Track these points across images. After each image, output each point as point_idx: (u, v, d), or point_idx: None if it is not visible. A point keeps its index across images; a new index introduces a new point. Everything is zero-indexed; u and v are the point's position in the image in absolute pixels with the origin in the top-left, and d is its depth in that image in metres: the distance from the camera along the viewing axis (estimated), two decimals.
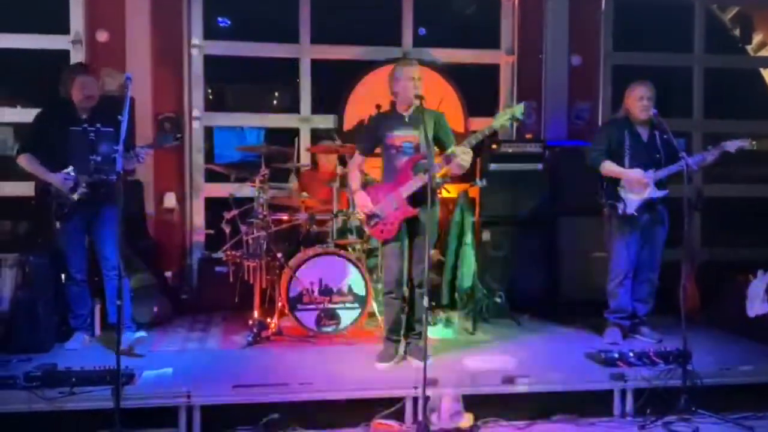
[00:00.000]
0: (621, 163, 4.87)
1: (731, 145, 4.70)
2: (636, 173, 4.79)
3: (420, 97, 4.22)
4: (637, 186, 4.80)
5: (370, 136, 4.48)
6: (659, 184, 4.82)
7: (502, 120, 4.24)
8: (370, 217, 4.33)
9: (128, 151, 4.30)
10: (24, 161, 4.55)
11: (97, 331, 4.90)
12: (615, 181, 4.89)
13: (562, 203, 6.00)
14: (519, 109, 4.21)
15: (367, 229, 4.54)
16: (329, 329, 5.01)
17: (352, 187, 4.48)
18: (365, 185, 4.57)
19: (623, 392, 4.18)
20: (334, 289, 5.04)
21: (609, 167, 4.87)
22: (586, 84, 6.77)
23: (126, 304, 4.60)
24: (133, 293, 4.95)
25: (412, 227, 4.34)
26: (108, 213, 4.52)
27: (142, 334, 4.64)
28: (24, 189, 6.18)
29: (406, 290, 4.47)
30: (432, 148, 4.08)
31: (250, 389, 3.92)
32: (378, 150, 4.53)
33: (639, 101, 4.84)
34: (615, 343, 4.85)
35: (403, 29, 6.71)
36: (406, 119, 4.36)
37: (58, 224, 4.52)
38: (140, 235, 5.85)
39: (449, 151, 4.23)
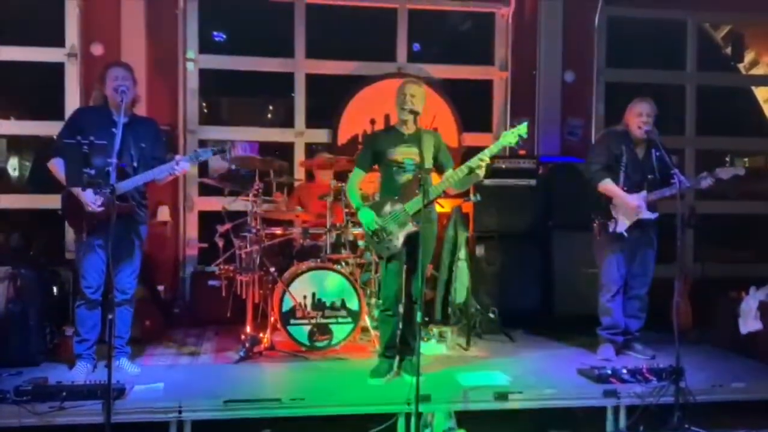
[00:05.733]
0: (615, 179, 4.87)
1: (725, 173, 4.70)
2: (632, 200, 4.77)
3: (414, 113, 4.24)
4: (630, 209, 4.81)
5: (370, 152, 4.48)
6: (650, 206, 4.83)
7: (509, 139, 4.22)
8: (376, 233, 4.31)
9: (160, 163, 4.25)
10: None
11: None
12: (608, 198, 4.90)
13: (555, 219, 6.02)
14: (524, 129, 4.21)
15: (371, 246, 4.52)
16: (322, 344, 4.99)
17: (354, 203, 4.44)
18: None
19: (616, 409, 4.17)
20: (327, 304, 5.03)
21: (607, 186, 4.86)
22: (580, 100, 6.82)
23: (125, 330, 4.52)
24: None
25: (411, 243, 4.33)
26: (132, 238, 4.40)
27: (136, 370, 4.46)
28: (20, 202, 6.24)
29: (401, 307, 4.46)
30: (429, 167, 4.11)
31: (242, 404, 3.88)
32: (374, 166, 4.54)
33: (638, 117, 4.83)
34: (608, 360, 4.84)
35: (398, 45, 6.75)
36: (406, 137, 4.37)
37: (84, 236, 4.27)
38: None
39: (474, 163, 4.16)
